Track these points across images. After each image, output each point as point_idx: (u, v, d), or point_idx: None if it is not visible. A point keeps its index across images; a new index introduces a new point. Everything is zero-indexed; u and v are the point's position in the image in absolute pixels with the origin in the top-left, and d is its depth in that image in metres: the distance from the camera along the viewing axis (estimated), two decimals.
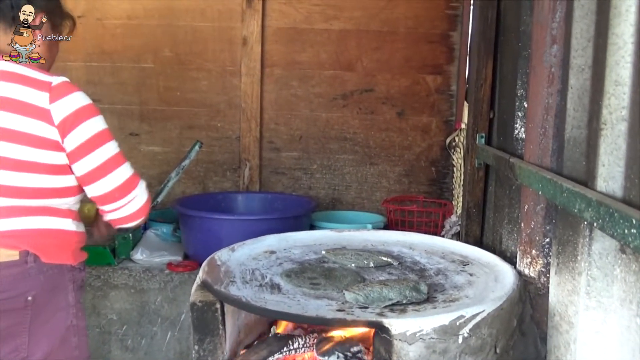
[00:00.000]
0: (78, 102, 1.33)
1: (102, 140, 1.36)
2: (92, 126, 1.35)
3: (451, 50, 2.49)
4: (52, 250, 1.34)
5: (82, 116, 1.33)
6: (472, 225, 2.04)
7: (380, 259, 1.60)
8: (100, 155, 1.35)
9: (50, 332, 1.34)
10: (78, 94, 1.34)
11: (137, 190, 1.41)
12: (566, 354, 1.25)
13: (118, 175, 1.37)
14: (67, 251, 1.37)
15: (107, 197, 1.38)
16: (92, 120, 1.35)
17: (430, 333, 1.15)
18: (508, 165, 1.58)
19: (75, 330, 1.39)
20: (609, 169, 1.04)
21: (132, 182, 1.40)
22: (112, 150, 1.38)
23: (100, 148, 1.35)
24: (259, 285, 1.40)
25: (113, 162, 1.37)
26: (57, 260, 1.35)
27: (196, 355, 1.38)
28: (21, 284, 1.29)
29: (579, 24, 1.22)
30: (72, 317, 1.38)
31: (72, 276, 1.38)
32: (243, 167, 2.51)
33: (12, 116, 1.28)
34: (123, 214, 1.41)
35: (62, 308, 1.37)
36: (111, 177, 1.37)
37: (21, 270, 1.29)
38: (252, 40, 2.44)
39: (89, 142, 1.34)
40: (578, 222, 1.17)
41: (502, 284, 1.41)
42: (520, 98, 1.65)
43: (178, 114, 2.52)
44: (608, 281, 1.06)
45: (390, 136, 2.54)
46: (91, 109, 1.36)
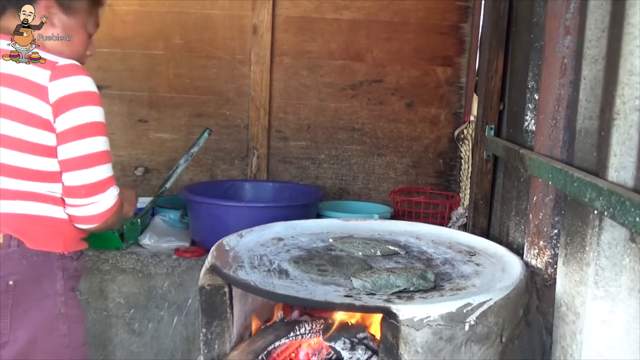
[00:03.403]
0: (80, 85, 1.30)
1: (92, 132, 1.31)
2: (87, 114, 1.30)
3: (462, 42, 2.48)
4: (38, 236, 1.31)
5: (80, 100, 1.29)
6: (479, 217, 2.04)
7: (388, 248, 1.61)
8: (84, 146, 1.31)
9: (34, 319, 1.33)
10: (83, 78, 1.30)
11: (104, 196, 1.34)
12: (572, 344, 1.25)
13: (92, 174, 1.32)
14: (56, 239, 1.34)
15: (73, 191, 1.33)
16: (89, 108, 1.30)
17: (437, 319, 1.16)
18: (518, 156, 1.58)
19: (64, 319, 1.37)
20: (620, 159, 1.04)
21: (103, 185, 1.34)
22: (98, 145, 1.33)
23: (87, 139, 1.31)
24: (267, 271, 1.41)
25: (93, 159, 1.32)
26: (44, 247, 1.32)
27: (204, 338, 1.39)
28: (2, 267, 1.28)
29: (593, 15, 1.22)
30: (60, 305, 1.36)
31: (61, 264, 1.35)
32: (251, 155, 2.52)
33: (8, 91, 1.26)
34: (81, 213, 1.34)
35: (49, 295, 1.34)
36: (85, 173, 1.32)
37: (3, 253, 1.28)
38: (263, 29, 2.44)
39: (78, 128, 1.29)
40: (587, 213, 1.17)
41: (509, 274, 1.41)
42: (531, 90, 1.64)
43: (187, 102, 2.52)
44: (617, 271, 1.06)
45: (399, 127, 2.54)
46: (92, 97, 1.31)
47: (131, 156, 2.54)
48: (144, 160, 2.55)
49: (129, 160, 2.54)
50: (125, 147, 2.52)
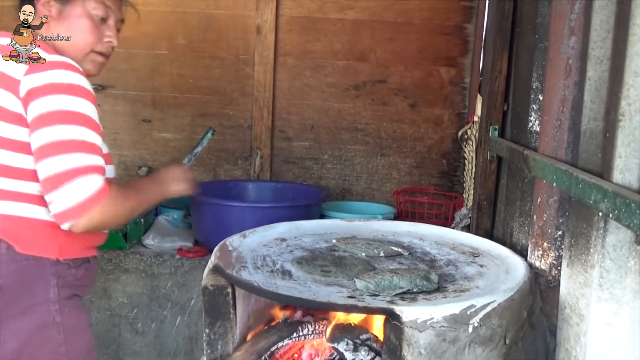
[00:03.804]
0: (56, 77, 1.20)
1: (62, 120, 1.19)
2: (59, 102, 1.19)
3: (465, 42, 2.48)
4: (29, 240, 1.24)
5: (49, 90, 1.19)
6: (483, 218, 2.03)
7: (391, 249, 1.61)
8: (50, 133, 1.18)
9: (23, 326, 1.26)
10: (61, 72, 1.21)
11: (71, 185, 1.17)
12: (576, 346, 1.25)
13: (56, 163, 1.17)
14: (50, 244, 1.26)
15: (43, 186, 1.20)
16: (58, 97, 1.19)
17: (440, 321, 1.16)
18: (522, 157, 1.57)
19: (59, 328, 1.29)
20: (625, 160, 1.03)
21: (66, 175, 1.17)
22: (68, 133, 1.19)
23: (55, 126, 1.18)
24: (270, 271, 1.41)
25: (59, 147, 1.18)
26: (36, 252, 1.25)
27: (207, 339, 1.39)
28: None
29: (598, 15, 1.21)
30: (54, 314, 1.28)
31: (55, 271, 1.27)
32: (254, 155, 2.52)
33: None
34: (54, 210, 1.19)
35: (40, 303, 1.27)
36: (49, 163, 1.18)
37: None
38: (266, 29, 2.44)
39: (45, 116, 1.18)
40: (592, 215, 1.17)
41: (512, 275, 1.41)
42: (536, 91, 1.64)
43: (191, 102, 2.52)
44: (622, 273, 1.06)
45: (402, 128, 2.54)
46: (67, 87, 1.20)
47: (135, 156, 2.54)
48: (147, 160, 2.56)
49: (133, 160, 2.54)
50: (128, 147, 2.53)
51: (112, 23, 1.41)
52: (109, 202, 1.22)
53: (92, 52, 1.37)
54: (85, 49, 1.35)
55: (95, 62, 1.39)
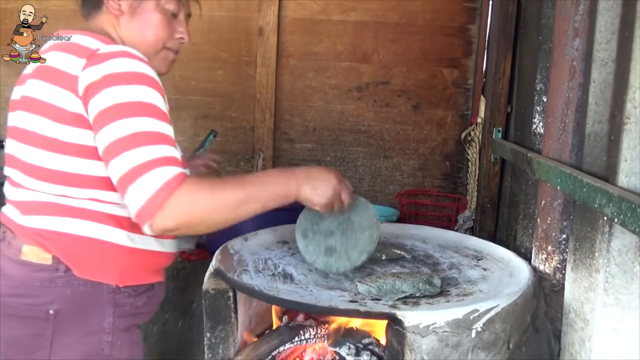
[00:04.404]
0: (113, 67, 1.07)
1: (123, 113, 1.04)
2: (118, 94, 1.05)
3: (469, 43, 2.46)
4: (88, 263, 1.13)
5: (109, 82, 1.06)
6: (487, 221, 2.02)
7: (393, 252, 1.59)
8: (113, 131, 1.04)
9: (71, 355, 1.15)
10: (121, 61, 1.08)
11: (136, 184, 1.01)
12: (581, 351, 1.23)
13: (123, 163, 1.03)
14: (110, 268, 1.15)
15: (119, 191, 1.06)
16: (120, 88, 1.06)
17: (443, 326, 1.14)
18: (526, 159, 1.56)
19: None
20: (631, 164, 1.02)
21: (134, 172, 1.02)
22: (133, 127, 1.04)
23: (117, 122, 1.04)
24: (272, 275, 1.40)
25: (124, 143, 1.03)
26: (94, 276, 1.13)
27: (208, 343, 1.38)
28: (46, 292, 1.12)
29: (603, 17, 1.20)
30: (104, 345, 1.15)
31: (112, 299, 1.15)
32: (257, 157, 2.51)
33: (42, 84, 1.12)
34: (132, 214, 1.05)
35: (93, 332, 1.15)
36: (116, 164, 1.04)
37: (48, 277, 1.12)
38: (269, 31, 2.43)
39: (105, 112, 1.05)
40: (597, 219, 1.15)
41: (516, 279, 1.39)
42: (540, 92, 1.62)
43: (193, 103, 2.52)
44: (627, 278, 1.04)
45: (405, 129, 2.53)
46: (126, 76, 1.07)
47: None
48: None
49: None
50: None
51: (182, 18, 1.33)
52: (188, 190, 1.03)
53: (163, 49, 1.28)
54: (158, 45, 1.25)
55: (167, 59, 1.30)
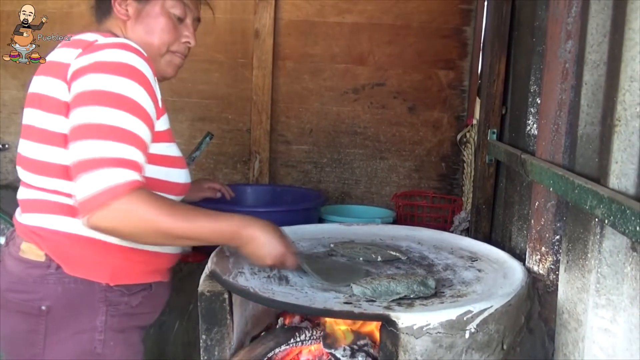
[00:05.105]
0: (105, 56, 1.05)
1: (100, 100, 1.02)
2: (101, 81, 1.03)
3: (464, 45, 2.47)
4: (79, 261, 1.14)
5: (95, 68, 1.04)
6: (482, 222, 2.03)
7: (389, 254, 1.60)
8: (84, 114, 1.02)
9: (63, 352, 1.16)
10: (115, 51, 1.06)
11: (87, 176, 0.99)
12: (574, 351, 1.24)
13: (83, 149, 1.00)
14: (102, 267, 1.15)
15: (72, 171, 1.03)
16: (105, 76, 1.03)
17: (437, 327, 1.15)
18: (519, 161, 1.56)
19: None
20: (622, 166, 1.03)
21: (89, 164, 1.00)
22: (104, 117, 1.01)
23: (91, 107, 1.01)
24: (267, 277, 1.41)
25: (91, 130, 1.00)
26: (85, 274, 1.14)
27: (203, 345, 1.39)
28: (38, 289, 1.14)
29: (594, 19, 1.21)
30: (97, 344, 1.16)
31: (105, 297, 1.15)
32: (253, 159, 2.52)
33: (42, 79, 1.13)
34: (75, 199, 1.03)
35: (86, 330, 1.16)
36: (76, 147, 1.02)
37: (41, 274, 1.13)
38: (265, 33, 2.44)
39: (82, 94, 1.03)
40: (589, 220, 1.16)
41: (510, 280, 1.40)
42: (533, 94, 1.63)
43: (189, 106, 2.53)
44: (618, 279, 1.05)
45: (401, 131, 2.54)
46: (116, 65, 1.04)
47: None
48: None
49: None
50: None
51: (189, 22, 1.33)
52: (134, 202, 1.01)
53: (168, 52, 1.28)
54: (162, 48, 1.26)
55: (172, 62, 1.31)
